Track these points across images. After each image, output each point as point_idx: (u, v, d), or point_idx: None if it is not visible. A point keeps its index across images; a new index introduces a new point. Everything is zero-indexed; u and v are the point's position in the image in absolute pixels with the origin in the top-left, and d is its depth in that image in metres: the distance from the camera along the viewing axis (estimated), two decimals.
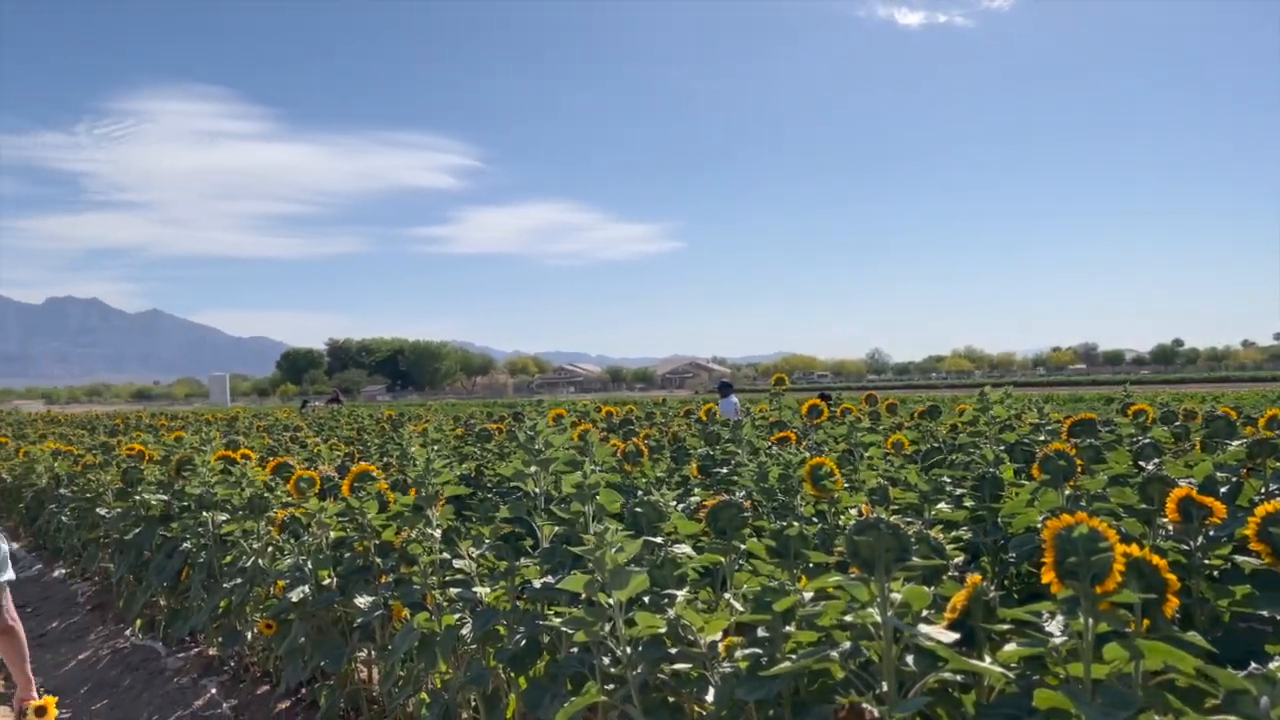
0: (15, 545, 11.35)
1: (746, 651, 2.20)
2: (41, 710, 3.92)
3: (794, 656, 2.09)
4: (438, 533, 3.74)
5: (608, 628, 2.34)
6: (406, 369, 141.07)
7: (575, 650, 2.80)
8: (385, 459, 7.10)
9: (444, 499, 3.89)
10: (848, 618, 2.09)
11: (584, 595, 2.50)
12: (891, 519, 1.96)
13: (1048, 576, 1.72)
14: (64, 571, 9.24)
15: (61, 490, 9.29)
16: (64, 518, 8.76)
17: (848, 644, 2.07)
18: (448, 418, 15.10)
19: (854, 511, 3.36)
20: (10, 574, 3.74)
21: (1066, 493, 3.05)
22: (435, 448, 6.81)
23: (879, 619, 1.99)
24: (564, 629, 2.60)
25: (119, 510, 6.88)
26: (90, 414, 34.94)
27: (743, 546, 2.82)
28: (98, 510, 7.73)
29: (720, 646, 2.29)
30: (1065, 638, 1.73)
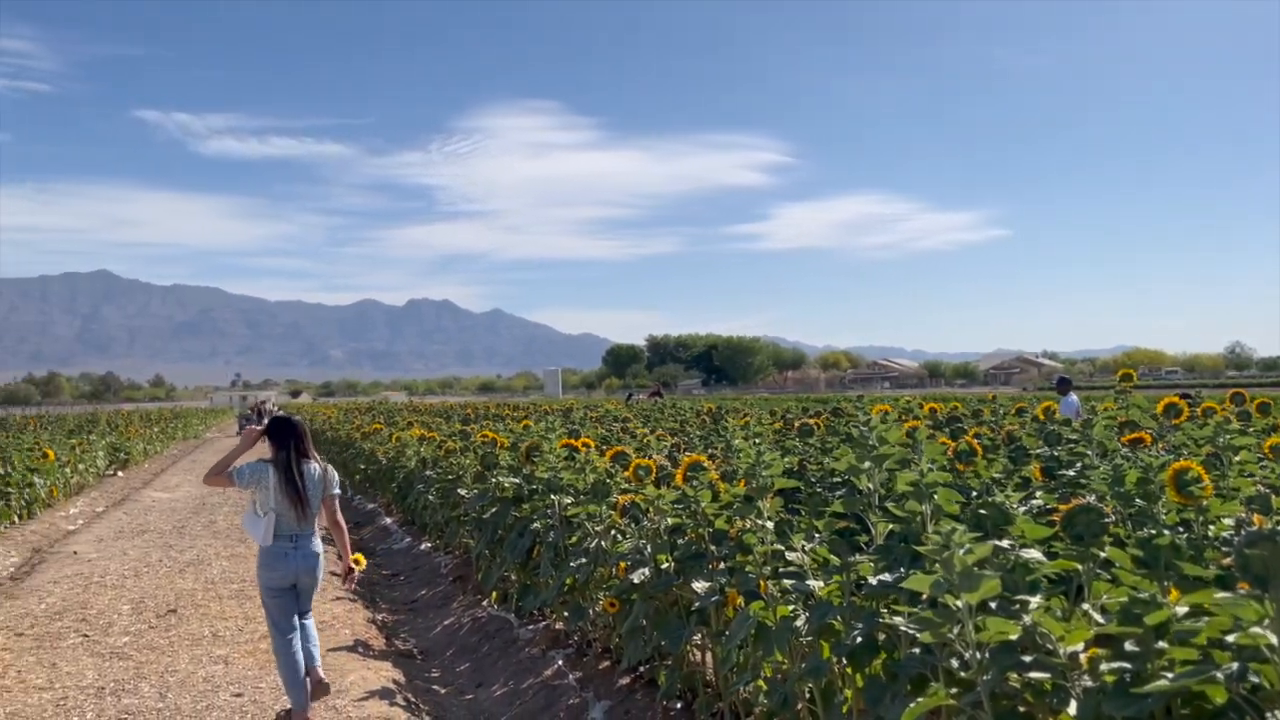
0: (390, 520, 12.86)
1: (1112, 665, 2.06)
2: (357, 561, 5.70)
3: (1168, 675, 1.93)
4: (769, 524, 3.81)
5: (955, 630, 2.28)
6: (720, 364, 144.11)
7: (916, 651, 2.76)
8: (709, 450, 7.32)
9: (774, 491, 3.96)
10: (1231, 637, 1.90)
11: (925, 596, 2.45)
12: None
13: None
14: (429, 545, 10.34)
15: (427, 472, 10.41)
16: (430, 496, 9.81)
17: (1234, 665, 1.88)
18: (763, 412, 15.28)
19: (1227, 521, 3.03)
20: (338, 490, 5.34)
21: None
22: (757, 440, 6.93)
23: (1273, 640, 1.80)
24: (906, 628, 2.56)
25: (477, 491, 7.61)
26: (444, 404, 38.79)
27: (1102, 554, 2.63)
28: (458, 491, 8.59)
29: (1082, 658, 2.16)
30: None
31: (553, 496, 5.93)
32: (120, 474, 21.46)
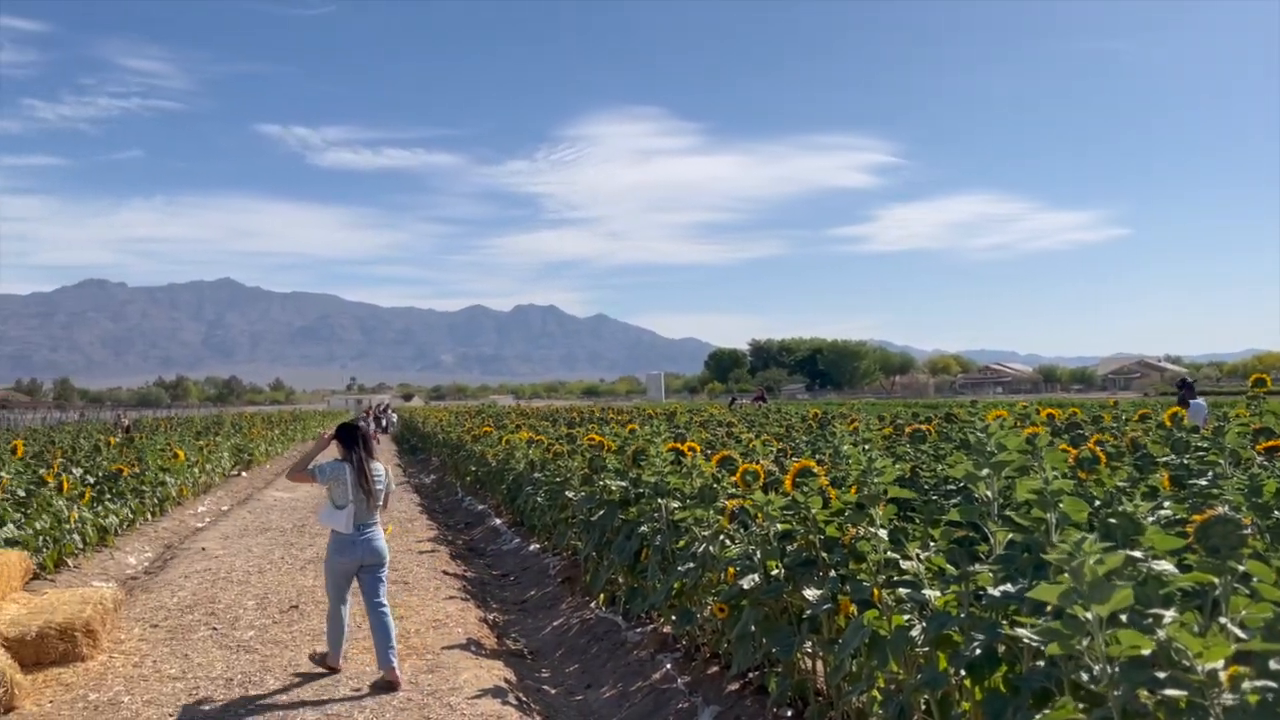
0: (499, 521, 13.09)
1: (1256, 684, 1.97)
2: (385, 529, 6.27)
3: None
4: (882, 532, 3.75)
5: (1084, 643, 2.21)
6: (825, 368, 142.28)
7: (1040, 664, 2.68)
8: (816, 455, 7.23)
9: (887, 498, 3.89)
10: None
11: (1051, 607, 2.37)
12: None
13: None
14: (538, 546, 10.49)
15: (535, 474, 10.57)
16: (538, 499, 9.96)
17: None
18: (871, 417, 15.03)
19: None
20: (393, 486, 6.41)
21: None
22: (866, 446, 6.82)
23: None
24: (1031, 640, 2.49)
25: (584, 494, 7.69)
26: (549, 408, 39.29)
27: (1240, 568, 2.51)
28: (566, 493, 8.70)
29: (1222, 676, 2.06)
30: None
31: (660, 500, 5.96)
32: (244, 474, 22.42)
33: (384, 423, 46.51)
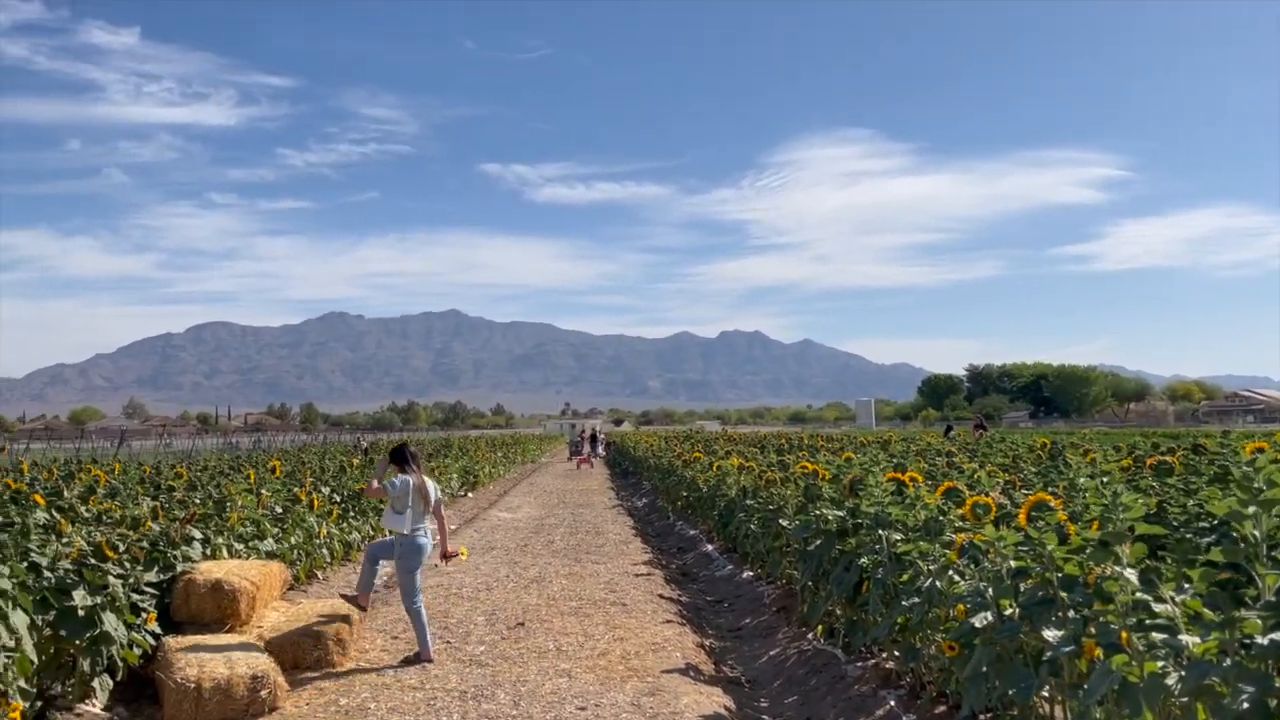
0: (711, 546, 13.16)
1: None
2: (460, 552, 7.87)
3: None
4: (1130, 572, 3.52)
5: None
6: (1050, 395, 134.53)
7: None
8: (1049, 488, 6.86)
9: (1133, 536, 3.65)
10: None
11: None
12: None
13: None
14: (751, 573, 10.47)
15: (748, 501, 10.58)
16: (752, 526, 9.95)
17: None
18: (1106, 447, 14.08)
19: None
20: (440, 496, 7.70)
21: None
22: (1104, 479, 6.41)
23: None
24: None
25: (799, 523, 7.62)
26: (757, 434, 39.18)
27: None
28: (780, 521, 8.65)
29: None
30: None
31: (880, 532, 5.82)
32: (470, 495, 23.63)
33: (597, 446, 47.83)
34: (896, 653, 5.57)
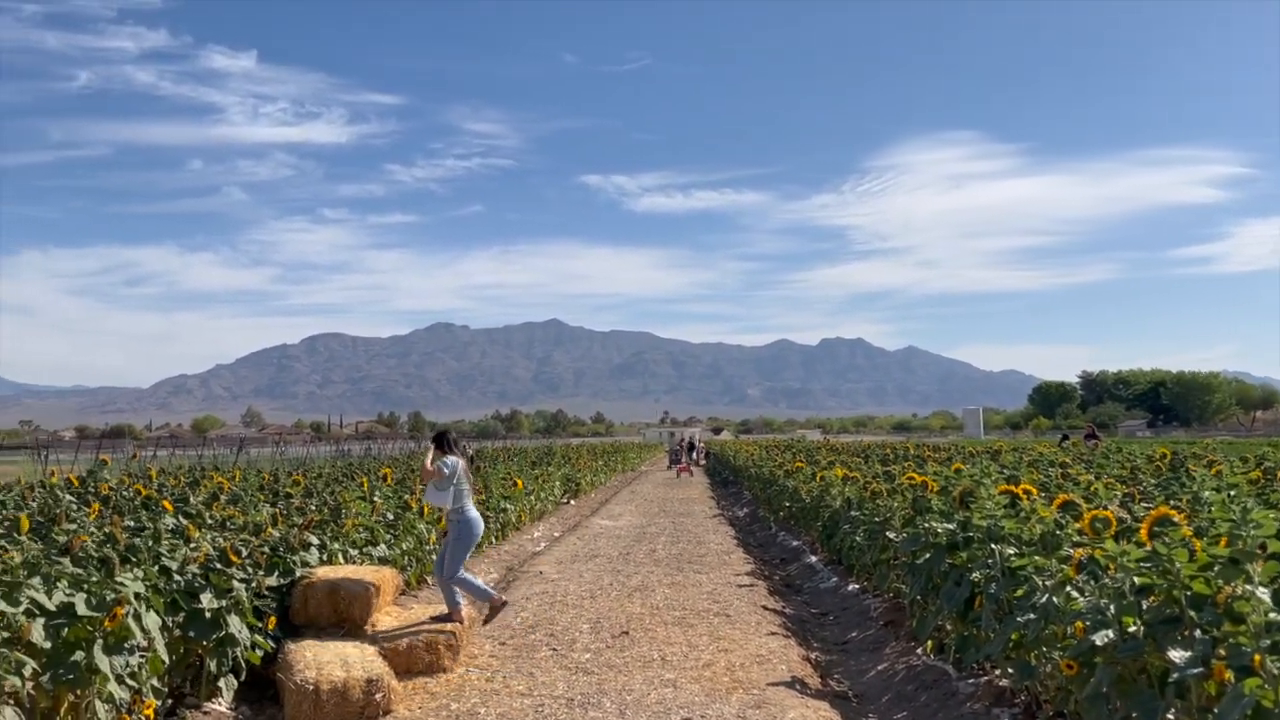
0: (815, 558, 13.01)
1: None
2: None
3: None
4: (1263, 591, 3.36)
5: None
6: (1169, 402, 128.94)
7: None
8: (1172, 502, 6.58)
9: (1265, 554, 3.48)
10: None
11: None
12: None
13: None
14: (857, 586, 10.31)
15: (853, 513, 10.43)
16: (857, 538, 9.81)
17: None
18: (1232, 458, 13.41)
19: None
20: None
21: None
22: (1233, 493, 6.12)
23: None
24: None
25: (907, 535, 7.48)
26: (859, 443, 38.56)
27: None
28: (887, 534, 8.51)
29: None
30: None
31: (993, 546, 5.67)
32: (572, 502, 23.88)
33: (695, 454, 47.81)
34: (1010, 670, 5.41)
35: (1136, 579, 4.04)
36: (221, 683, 5.96)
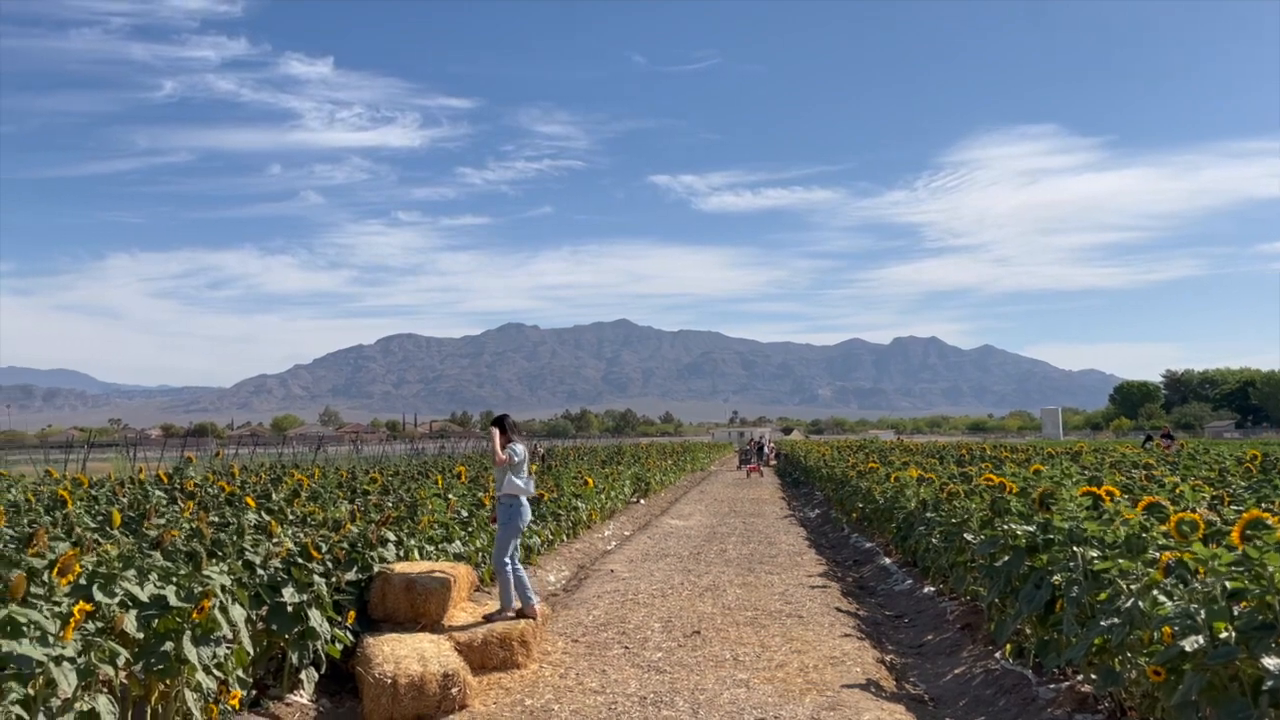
0: (889, 560, 12.85)
1: None
2: None
3: None
4: None
5: None
6: (1259, 403, 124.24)
7: None
8: (1263, 504, 6.35)
9: None
10: None
11: None
12: None
13: None
14: (932, 589, 10.15)
15: (928, 514, 10.26)
16: (933, 540, 9.65)
17: None
18: None
19: None
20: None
21: None
22: None
23: None
24: None
25: (985, 537, 7.33)
26: (934, 444, 37.96)
27: None
28: (964, 535, 8.35)
29: None
30: None
31: (1075, 548, 5.53)
32: (641, 502, 23.93)
33: (764, 454, 47.55)
34: (1094, 675, 5.28)
35: (1229, 583, 3.91)
36: (303, 675, 6.12)
